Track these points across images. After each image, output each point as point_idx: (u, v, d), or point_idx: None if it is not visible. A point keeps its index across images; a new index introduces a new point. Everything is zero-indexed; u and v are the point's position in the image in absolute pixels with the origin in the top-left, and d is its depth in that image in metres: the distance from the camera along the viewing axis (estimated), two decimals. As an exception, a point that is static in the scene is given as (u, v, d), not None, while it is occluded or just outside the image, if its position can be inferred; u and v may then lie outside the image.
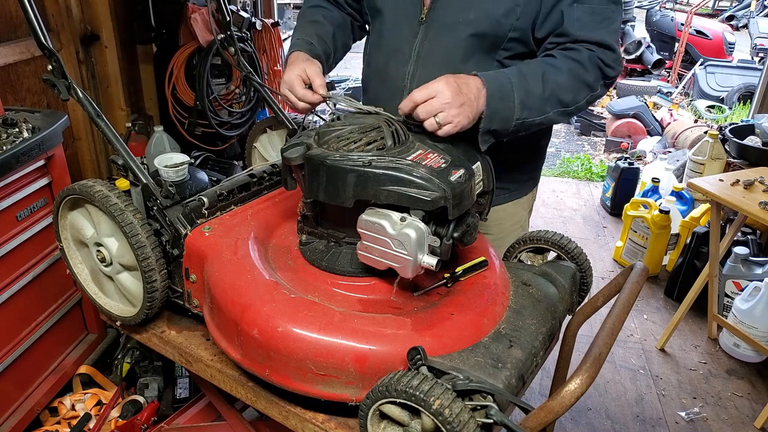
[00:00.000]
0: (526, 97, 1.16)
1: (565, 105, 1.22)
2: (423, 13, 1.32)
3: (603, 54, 1.22)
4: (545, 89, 1.18)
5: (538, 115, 1.20)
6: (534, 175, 1.59)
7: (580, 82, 1.22)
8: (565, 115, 1.25)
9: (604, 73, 1.24)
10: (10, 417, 1.93)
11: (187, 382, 2.20)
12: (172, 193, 1.23)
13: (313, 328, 0.97)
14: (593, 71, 1.22)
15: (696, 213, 3.32)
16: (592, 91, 1.24)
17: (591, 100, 1.27)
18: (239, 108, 3.31)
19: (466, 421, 0.80)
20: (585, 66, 1.21)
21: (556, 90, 1.19)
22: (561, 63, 1.22)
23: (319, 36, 1.40)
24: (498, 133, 1.18)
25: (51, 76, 1.23)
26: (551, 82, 1.19)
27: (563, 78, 1.20)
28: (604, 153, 5.50)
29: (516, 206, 1.56)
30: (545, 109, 1.20)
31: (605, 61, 1.23)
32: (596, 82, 1.24)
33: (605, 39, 1.22)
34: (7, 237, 1.84)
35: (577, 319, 1.26)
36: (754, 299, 2.59)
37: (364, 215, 1.00)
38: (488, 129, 1.15)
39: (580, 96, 1.23)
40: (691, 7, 8.82)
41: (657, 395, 2.52)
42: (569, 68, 1.21)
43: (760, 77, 4.48)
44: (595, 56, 1.22)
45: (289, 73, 1.25)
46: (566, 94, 1.21)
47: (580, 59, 1.22)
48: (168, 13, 3.05)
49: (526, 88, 1.17)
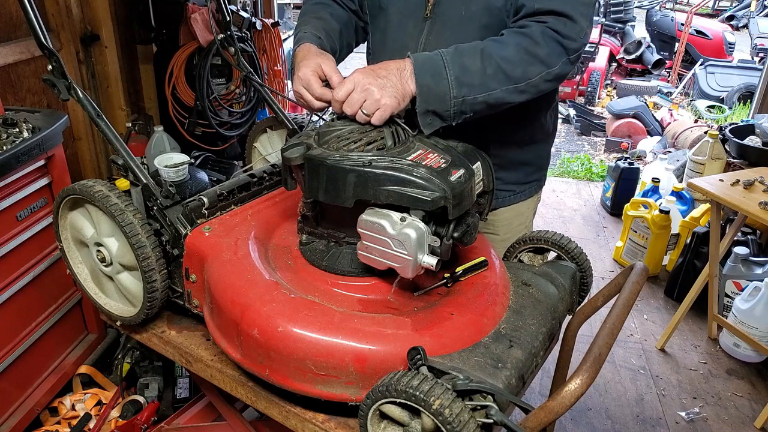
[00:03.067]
0: (461, 73, 1.09)
1: (514, 81, 1.13)
2: (428, 9, 1.30)
3: (561, 25, 1.13)
4: (487, 64, 1.11)
5: (480, 92, 1.11)
6: (541, 175, 1.57)
7: (530, 56, 1.13)
8: (517, 93, 1.15)
9: (563, 45, 1.14)
10: (10, 417, 1.93)
11: (187, 382, 2.20)
12: (172, 193, 1.23)
13: (313, 328, 0.97)
14: (547, 44, 1.13)
15: (696, 213, 3.32)
16: (548, 67, 1.14)
17: (549, 78, 1.16)
18: (239, 108, 3.31)
19: (466, 421, 0.80)
20: (535, 39, 1.13)
21: (501, 64, 1.11)
22: (507, 38, 1.15)
23: (327, 32, 1.35)
24: (440, 115, 1.12)
25: (51, 76, 1.23)
26: (494, 57, 1.11)
27: (508, 52, 1.12)
28: (604, 153, 5.50)
29: (523, 207, 1.55)
30: (490, 85, 1.11)
31: (563, 32, 1.13)
32: (554, 56, 1.14)
33: (564, 9, 1.13)
34: (7, 237, 1.84)
35: (577, 319, 1.26)
36: (754, 299, 2.59)
37: (364, 215, 1.00)
38: (426, 109, 1.10)
39: (532, 71, 1.13)
40: (691, 7, 8.83)
41: (657, 395, 2.52)
42: (516, 42, 1.13)
43: (760, 77, 4.48)
44: (548, 29, 1.13)
45: (304, 69, 1.16)
46: (514, 68, 1.12)
47: (529, 33, 1.14)
48: (168, 13, 3.05)
49: (461, 63, 1.10)
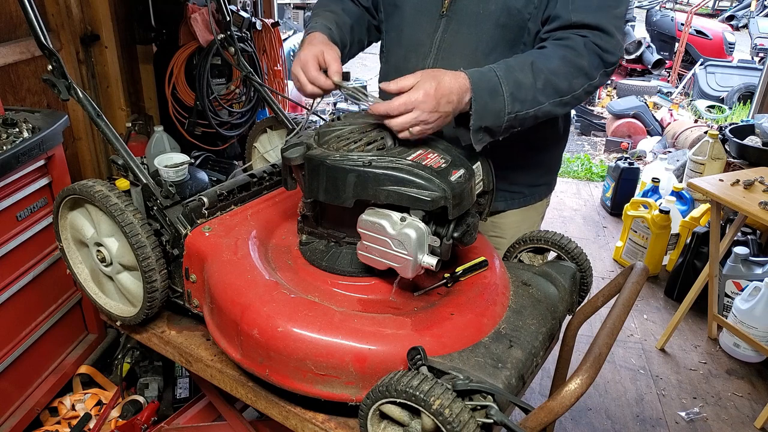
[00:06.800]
0: (516, 89, 1.10)
1: (561, 94, 1.14)
2: (444, 6, 1.29)
3: (599, 38, 1.15)
4: (537, 78, 1.11)
5: (531, 107, 1.13)
6: (551, 179, 1.55)
7: (575, 68, 1.14)
8: (561, 106, 1.17)
9: (602, 59, 1.16)
10: (10, 417, 1.93)
11: (187, 382, 2.20)
12: (172, 193, 1.22)
13: (313, 328, 0.97)
14: (589, 56, 1.15)
15: (696, 213, 3.32)
16: (589, 79, 1.16)
17: (590, 90, 1.18)
18: (239, 108, 3.31)
19: (466, 421, 0.80)
20: (579, 51, 1.14)
21: (550, 78, 1.12)
22: (551, 51, 1.15)
23: (338, 25, 1.35)
24: (491, 131, 1.12)
25: (51, 76, 1.23)
26: (543, 71, 1.12)
27: (555, 64, 1.13)
28: (604, 153, 5.50)
29: (531, 211, 1.54)
30: (539, 99, 1.13)
31: (602, 46, 1.15)
32: (594, 68, 1.16)
33: (601, 22, 1.14)
34: (7, 237, 1.84)
35: (577, 319, 1.26)
36: (754, 299, 2.59)
37: (364, 215, 1.00)
38: (480, 126, 1.10)
39: (576, 83, 1.15)
40: (691, 7, 8.83)
41: (657, 395, 2.52)
42: (561, 55, 1.14)
43: (760, 77, 4.49)
44: (590, 42, 1.15)
45: (305, 51, 1.17)
46: (561, 81, 1.13)
47: (573, 45, 1.15)
48: (168, 13, 3.05)
49: (515, 79, 1.10)
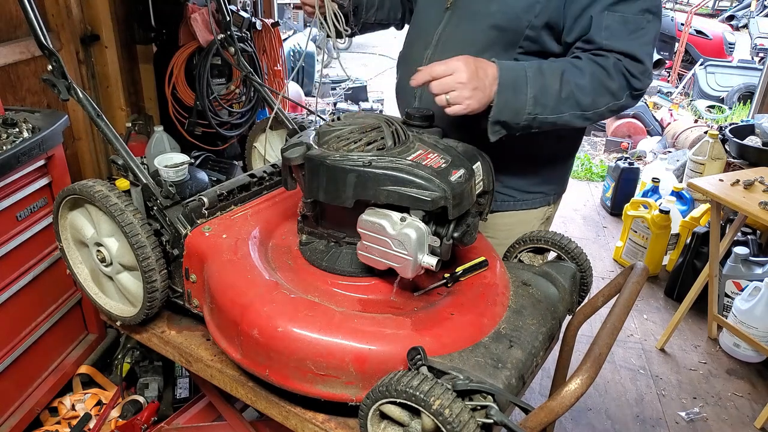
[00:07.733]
0: (540, 93, 1.14)
1: (583, 108, 1.18)
2: (449, 0, 1.35)
3: (630, 65, 1.18)
4: (563, 88, 1.15)
5: (552, 113, 1.17)
6: (549, 189, 1.52)
7: (602, 88, 1.18)
8: (582, 119, 1.20)
9: (630, 83, 1.19)
10: (10, 417, 1.93)
11: (187, 382, 2.20)
12: (172, 193, 1.22)
13: (313, 328, 0.97)
14: (618, 79, 1.18)
15: (696, 213, 3.32)
16: (615, 99, 1.20)
17: (614, 109, 1.22)
18: (239, 108, 3.31)
19: (466, 421, 0.80)
20: (609, 72, 1.17)
21: (575, 91, 1.16)
22: (584, 65, 1.18)
23: None
24: (509, 126, 1.16)
25: (51, 76, 1.23)
26: (570, 83, 1.15)
27: (584, 80, 1.16)
28: (604, 153, 5.50)
29: (527, 216, 1.52)
30: (561, 108, 1.17)
31: (631, 71, 1.18)
32: (621, 90, 1.19)
33: (633, 50, 1.17)
34: (7, 237, 1.84)
35: (577, 319, 1.26)
36: (754, 299, 2.59)
37: (364, 215, 1.00)
38: (497, 119, 1.14)
39: (600, 101, 1.19)
40: (691, 7, 8.83)
41: (657, 395, 2.52)
42: (592, 71, 1.17)
43: (760, 77, 4.48)
44: (621, 65, 1.18)
45: None
46: (585, 96, 1.17)
47: (605, 65, 1.18)
48: (168, 13, 3.04)
49: (542, 83, 1.14)
